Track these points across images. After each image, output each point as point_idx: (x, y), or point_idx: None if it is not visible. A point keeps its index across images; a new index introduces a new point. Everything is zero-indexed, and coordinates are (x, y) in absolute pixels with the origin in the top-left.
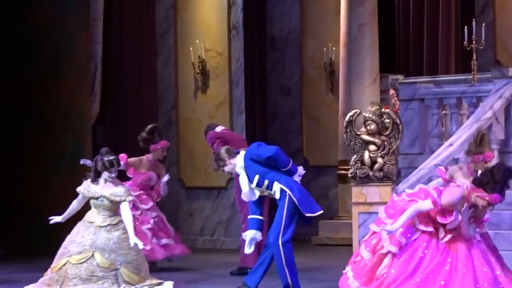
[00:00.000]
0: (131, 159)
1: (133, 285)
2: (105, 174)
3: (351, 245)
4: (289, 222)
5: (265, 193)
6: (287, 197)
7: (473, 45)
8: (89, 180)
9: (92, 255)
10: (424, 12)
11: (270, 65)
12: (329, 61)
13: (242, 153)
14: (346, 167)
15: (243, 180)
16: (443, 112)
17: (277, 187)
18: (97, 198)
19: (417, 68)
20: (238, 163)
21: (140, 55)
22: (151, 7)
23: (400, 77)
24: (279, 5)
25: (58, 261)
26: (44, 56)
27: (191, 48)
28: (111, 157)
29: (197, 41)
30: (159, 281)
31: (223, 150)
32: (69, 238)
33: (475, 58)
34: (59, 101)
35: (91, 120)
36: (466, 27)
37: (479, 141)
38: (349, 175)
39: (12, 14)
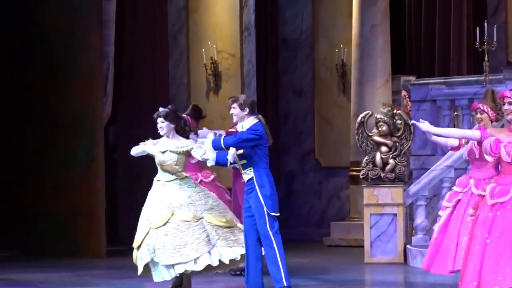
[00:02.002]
0: None
1: (223, 228)
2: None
3: (362, 246)
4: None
5: (237, 165)
6: (258, 190)
7: (485, 46)
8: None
9: (172, 214)
10: (436, 13)
11: (282, 66)
12: (341, 62)
13: (253, 120)
14: (358, 168)
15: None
16: (455, 113)
17: (250, 173)
18: (163, 152)
19: (429, 69)
20: (244, 123)
21: (152, 56)
22: (163, 8)
23: (412, 78)
24: (291, 6)
25: (140, 233)
26: (56, 57)
27: (203, 49)
28: (158, 111)
29: (209, 42)
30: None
31: (246, 98)
32: (144, 209)
33: (487, 59)
34: (71, 101)
35: (103, 121)
36: (478, 28)
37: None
38: (361, 176)
39: (24, 15)
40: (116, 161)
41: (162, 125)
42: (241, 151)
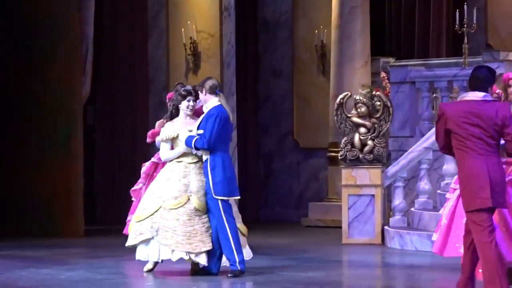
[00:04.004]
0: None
1: None
2: (183, 105)
3: (340, 227)
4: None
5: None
6: (209, 173)
7: (464, 29)
8: (168, 123)
9: (188, 199)
10: None
11: (261, 47)
12: (321, 44)
13: (216, 101)
14: (336, 149)
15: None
16: (434, 95)
17: (206, 154)
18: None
19: (408, 51)
20: (208, 104)
21: (132, 36)
22: None
23: (391, 60)
24: None
25: (147, 208)
26: (35, 37)
27: (183, 30)
28: (188, 87)
29: (188, 23)
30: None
31: (204, 81)
32: (156, 185)
33: (466, 41)
34: (50, 82)
35: (82, 101)
36: (457, 10)
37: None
38: (339, 158)
39: None
40: (95, 141)
41: (194, 104)
42: (201, 131)
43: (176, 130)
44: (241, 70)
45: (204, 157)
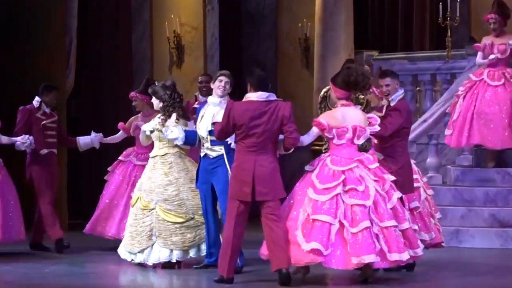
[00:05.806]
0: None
1: (170, 222)
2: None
3: None
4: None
5: (204, 146)
6: (229, 169)
7: (447, 22)
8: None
9: (138, 198)
10: None
11: (245, 40)
12: (304, 37)
13: (225, 98)
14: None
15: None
16: (418, 88)
17: (220, 151)
18: (152, 131)
19: (392, 44)
20: (211, 99)
21: (116, 29)
22: None
23: (375, 53)
24: None
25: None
26: (19, 30)
27: (166, 23)
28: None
29: (172, 16)
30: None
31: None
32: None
33: (449, 34)
34: (34, 74)
35: (66, 94)
36: (441, 3)
37: None
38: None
39: None
40: (79, 134)
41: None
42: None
43: (152, 125)
44: (224, 63)
45: (215, 153)
